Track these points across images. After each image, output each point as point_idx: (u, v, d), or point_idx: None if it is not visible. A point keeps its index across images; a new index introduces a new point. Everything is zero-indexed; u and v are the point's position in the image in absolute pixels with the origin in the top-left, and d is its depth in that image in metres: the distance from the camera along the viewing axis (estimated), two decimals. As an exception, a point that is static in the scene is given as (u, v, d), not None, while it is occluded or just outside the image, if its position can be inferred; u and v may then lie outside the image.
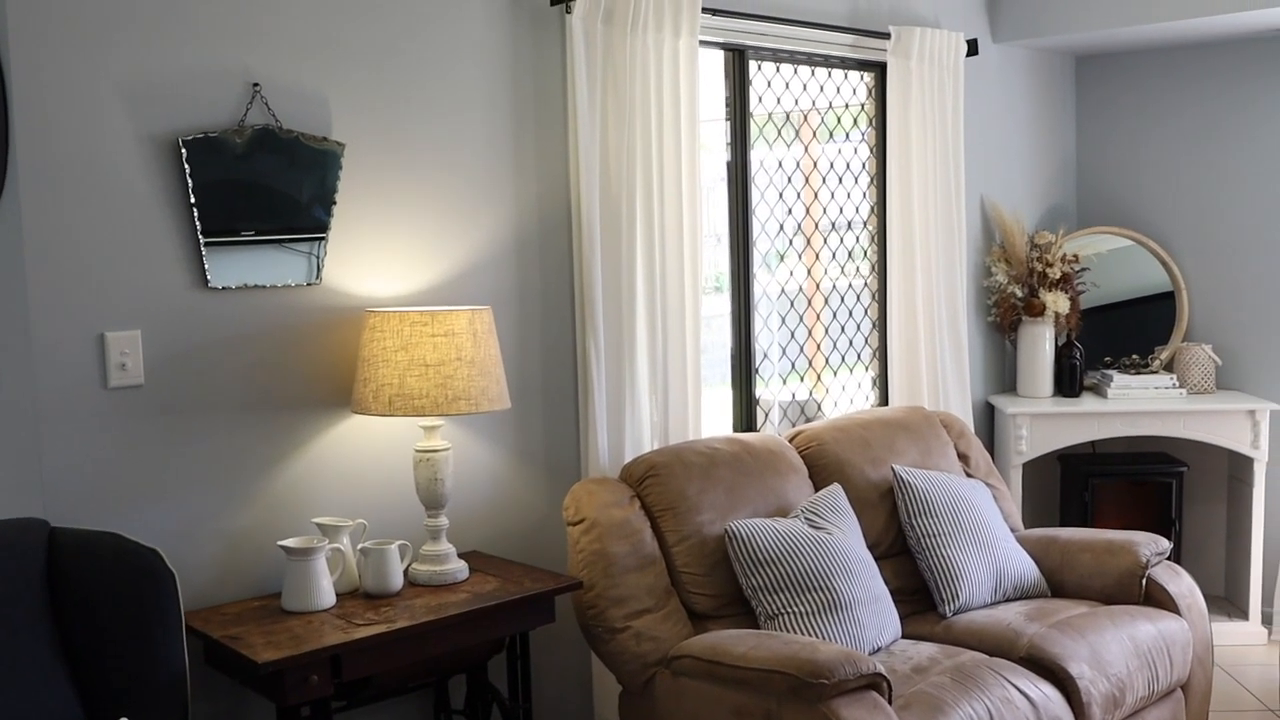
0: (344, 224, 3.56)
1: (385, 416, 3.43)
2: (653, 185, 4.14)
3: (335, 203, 3.53)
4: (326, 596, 3.30)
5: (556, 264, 4.07)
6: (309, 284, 3.51)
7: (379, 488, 3.69)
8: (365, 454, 3.66)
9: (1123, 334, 6.00)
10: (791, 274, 5.11)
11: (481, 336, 3.48)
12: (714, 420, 4.76)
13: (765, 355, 4.89)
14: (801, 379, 5.17)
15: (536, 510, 4.07)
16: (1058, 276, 5.63)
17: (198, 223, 3.27)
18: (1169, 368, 5.82)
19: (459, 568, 3.55)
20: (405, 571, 3.51)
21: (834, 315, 5.26)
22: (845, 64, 5.12)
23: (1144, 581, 4.26)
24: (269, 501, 3.48)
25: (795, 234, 5.09)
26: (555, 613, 3.58)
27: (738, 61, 4.68)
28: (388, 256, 3.68)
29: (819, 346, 5.22)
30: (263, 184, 3.39)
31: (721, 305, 4.79)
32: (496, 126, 3.91)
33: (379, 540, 3.48)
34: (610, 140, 4.05)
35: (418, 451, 3.51)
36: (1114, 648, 3.90)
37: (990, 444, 5.70)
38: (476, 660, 3.64)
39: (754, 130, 4.80)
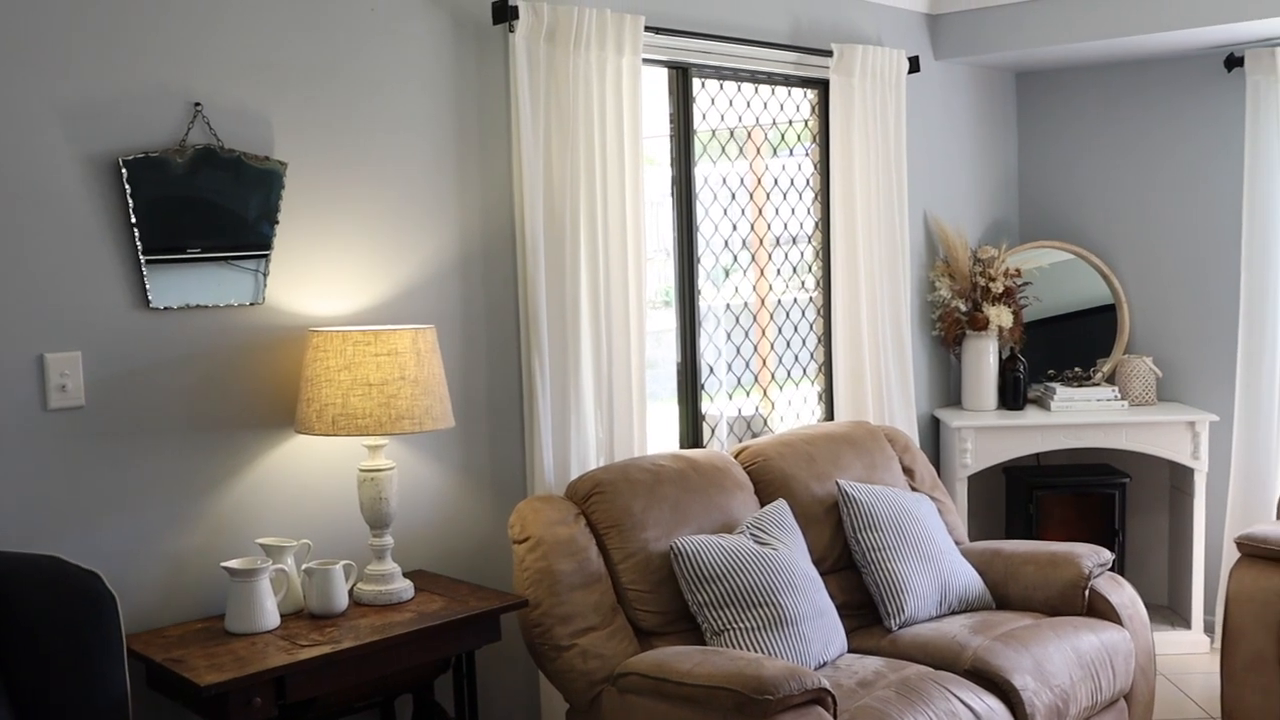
0: (287, 243, 3.55)
1: (329, 436, 3.42)
2: (596, 202, 4.16)
3: (278, 222, 3.52)
4: (270, 618, 3.28)
5: (501, 282, 4.08)
6: (252, 303, 3.49)
7: (323, 508, 3.67)
8: (309, 474, 3.64)
9: (1066, 347, 6.07)
10: (737, 290, 5.14)
11: (425, 355, 3.48)
12: (661, 436, 4.78)
13: (711, 371, 4.91)
14: (747, 394, 5.19)
15: (482, 528, 4.07)
16: (1001, 290, 5.69)
17: (139, 243, 3.25)
18: (1111, 380, 5.89)
19: (404, 587, 3.54)
20: (350, 591, 3.49)
21: (779, 330, 5.29)
22: (789, 81, 5.16)
23: (1087, 592, 4.31)
24: (212, 523, 3.45)
25: (742, 249, 5.12)
26: (501, 631, 3.57)
27: (681, 79, 4.71)
28: (331, 276, 3.67)
29: (764, 362, 5.25)
30: (205, 204, 3.37)
31: (672, 320, 4.80)
32: (440, 145, 3.91)
33: (323, 560, 3.46)
34: (554, 158, 4.07)
35: (362, 471, 3.50)
36: (1057, 659, 3.93)
37: (936, 457, 5.74)
38: (423, 680, 3.63)
39: (700, 146, 4.83)
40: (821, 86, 5.22)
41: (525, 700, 4.20)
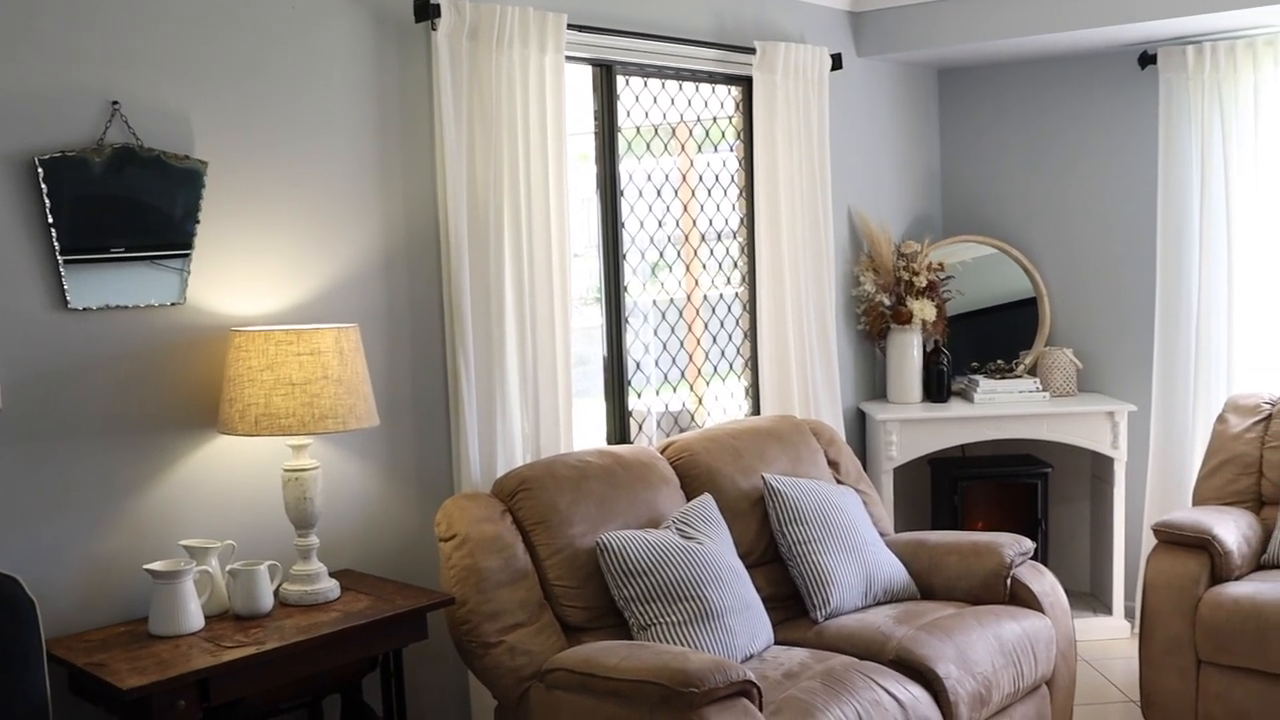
0: (208, 243, 3.53)
1: (252, 436, 3.41)
2: (520, 200, 4.17)
3: (199, 221, 3.49)
4: (194, 620, 3.26)
5: (425, 280, 4.07)
6: (173, 303, 3.46)
7: (247, 508, 3.65)
8: (233, 475, 3.62)
9: (989, 340, 6.16)
10: (663, 286, 5.16)
11: (348, 354, 3.47)
12: (590, 433, 4.80)
13: (638, 367, 4.93)
14: (674, 389, 5.22)
15: (409, 527, 4.06)
16: (924, 285, 5.76)
17: (56, 243, 3.21)
18: (1033, 372, 5.98)
19: (330, 587, 3.53)
20: (276, 592, 3.48)
21: (705, 326, 5.32)
22: (712, 78, 5.19)
23: (1009, 581, 4.38)
24: (134, 525, 3.42)
25: (668, 245, 5.14)
26: (428, 629, 3.58)
27: (605, 76, 4.73)
28: (253, 275, 3.65)
29: (691, 357, 5.28)
30: (124, 203, 3.34)
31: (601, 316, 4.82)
32: (362, 143, 3.90)
33: (248, 561, 3.44)
34: (478, 156, 4.07)
35: (286, 471, 3.49)
36: (980, 647, 3.99)
37: (862, 450, 5.81)
38: (350, 679, 3.62)
39: (628, 142, 4.85)
40: (745, 83, 5.26)
41: (454, 698, 4.20)
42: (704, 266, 5.30)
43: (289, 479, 3.48)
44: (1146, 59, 5.63)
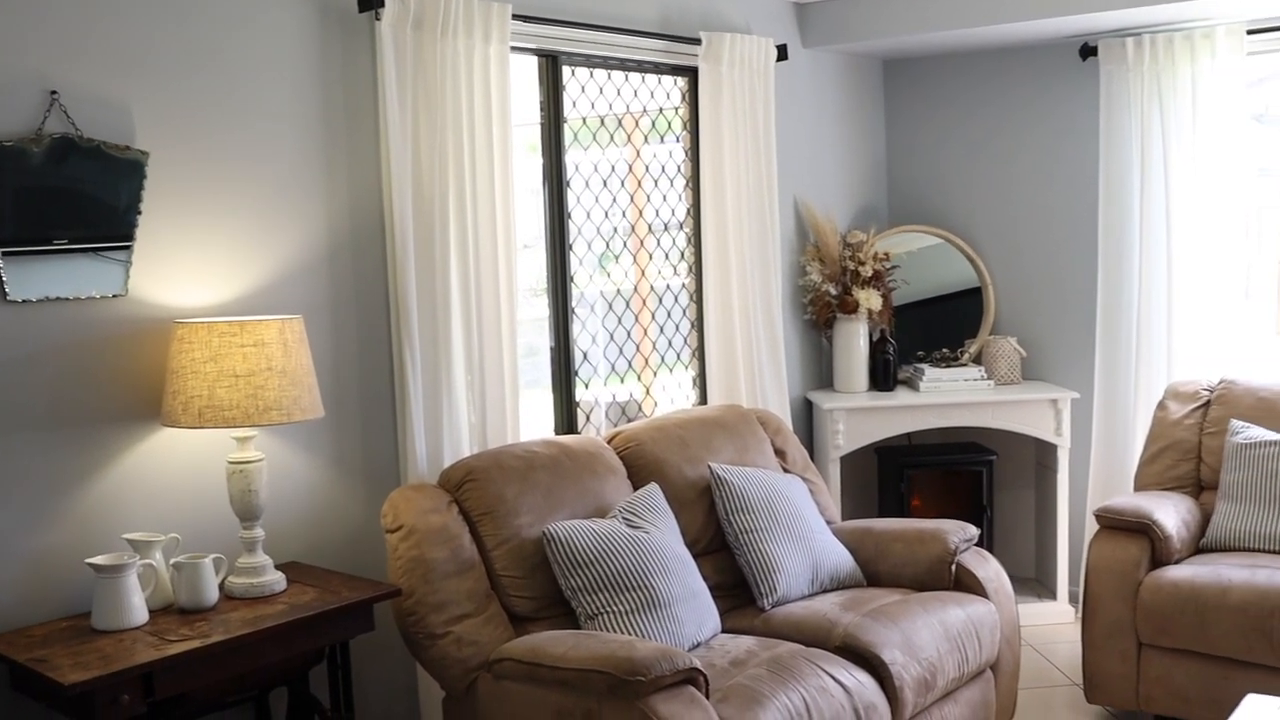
0: (151, 234, 3.50)
1: (196, 429, 3.39)
2: (466, 191, 4.16)
3: (140, 212, 3.46)
4: (138, 614, 3.24)
5: (370, 271, 4.06)
6: (115, 295, 3.43)
7: (192, 501, 3.63)
8: (177, 467, 3.60)
9: (935, 329, 6.21)
10: (609, 276, 5.17)
11: (292, 346, 3.46)
12: (538, 423, 4.80)
13: (585, 357, 4.94)
14: (622, 380, 5.23)
15: (355, 519, 4.05)
16: (870, 274, 5.80)
17: (-7, 235, 3.18)
18: (978, 360, 6.04)
19: (276, 579, 3.52)
20: (221, 585, 3.46)
21: (652, 317, 5.33)
22: (658, 69, 5.20)
23: (953, 567, 4.43)
24: (77, 519, 3.39)
25: (615, 236, 5.14)
26: (375, 621, 3.57)
27: (551, 67, 4.72)
28: (197, 267, 3.62)
29: (639, 348, 5.29)
30: (64, 194, 3.31)
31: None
32: (306, 134, 3.88)
33: (192, 554, 3.42)
34: (422, 147, 4.06)
35: (230, 463, 3.47)
36: (925, 633, 4.03)
37: (809, 439, 5.84)
38: (297, 672, 3.62)
39: (578, 133, 4.86)
40: (691, 74, 5.27)
41: (403, 689, 4.20)
42: (650, 257, 5.31)
43: (233, 471, 3.47)
44: (1087, 51, 5.70)
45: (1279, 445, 4.75)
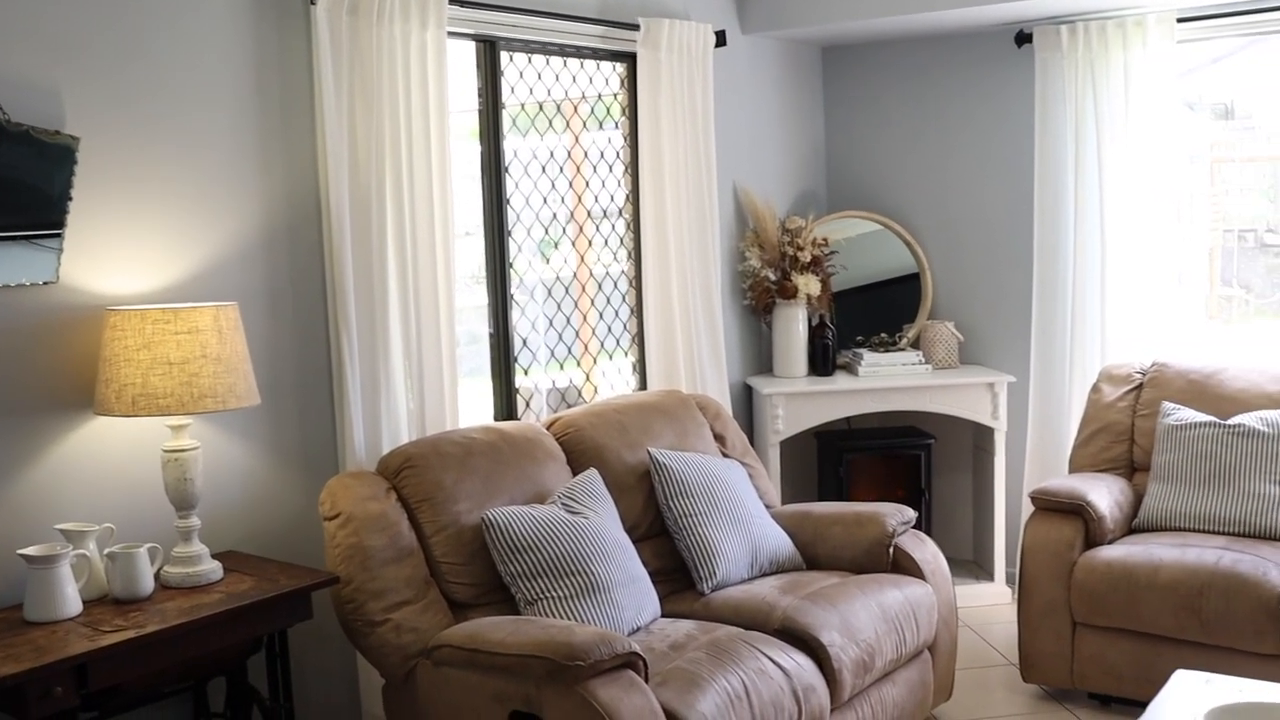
0: (82, 221, 3.45)
1: (129, 417, 3.36)
2: (403, 177, 4.14)
3: (71, 199, 3.41)
4: (72, 605, 3.21)
5: (307, 258, 4.03)
6: (45, 283, 3.39)
7: (127, 490, 3.59)
8: (110, 456, 3.56)
9: (875, 315, 6.25)
10: (549, 263, 5.16)
11: (227, 333, 3.43)
12: (477, 410, 4.79)
13: (525, 344, 4.94)
14: (561, 366, 5.23)
15: (293, 507, 4.03)
16: (809, 260, 5.83)
17: (-81, 222, 3.13)
18: (916, 345, 6.09)
19: (212, 568, 3.49)
20: (157, 575, 3.44)
21: (591, 303, 5.34)
22: (597, 55, 5.20)
23: (891, 550, 4.47)
24: (9, 509, 3.35)
25: (554, 222, 5.14)
26: (313, 609, 3.56)
27: (488, 53, 4.71)
28: (130, 254, 3.58)
29: (577, 334, 5.29)
30: (-9, 179, 3.26)
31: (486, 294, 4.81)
32: (241, 120, 3.85)
33: (127, 544, 3.39)
34: (359, 133, 4.03)
35: (165, 451, 3.44)
36: (863, 615, 4.07)
37: (749, 424, 5.87)
38: (235, 662, 3.60)
39: (516, 119, 4.84)
40: (630, 60, 5.27)
41: (342, 677, 4.19)
42: (590, 244, 5.31)
43: (169, 460, 3.44)
44: (1023, 38, 5.75)
45: (1209, 427, 4.83)
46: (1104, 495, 4.77)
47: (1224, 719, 2.91)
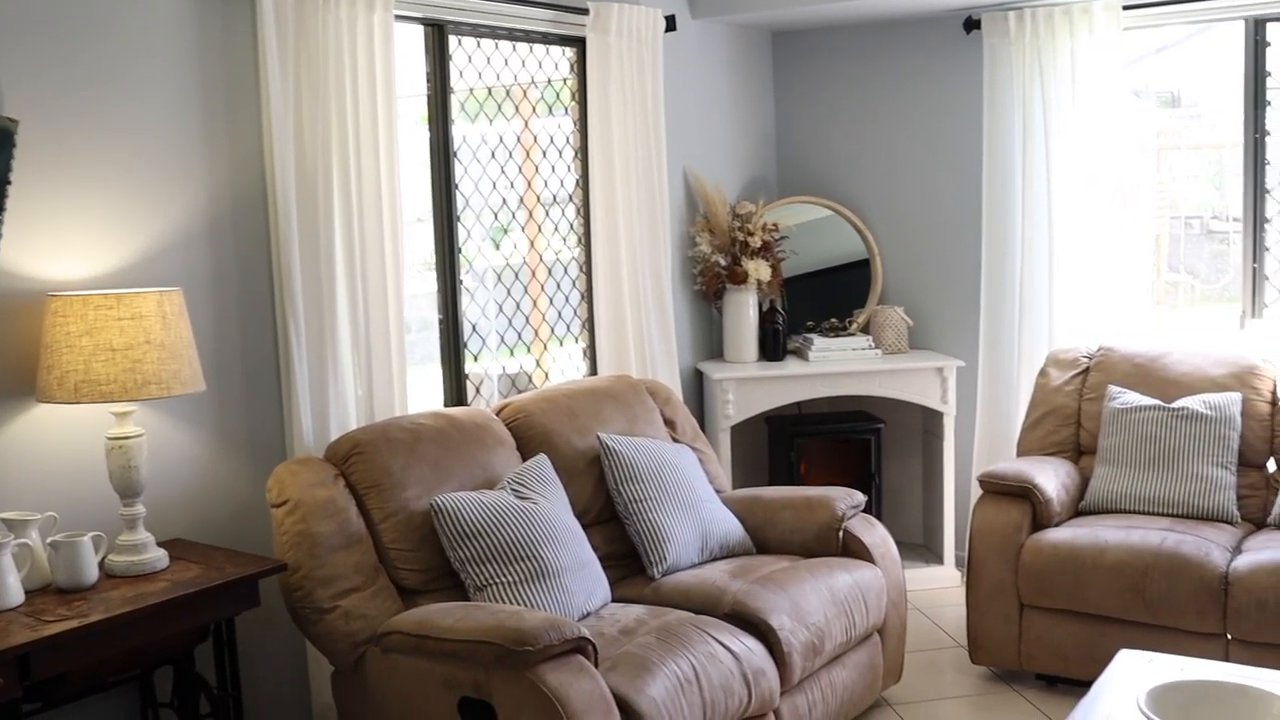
0: (22, 205, 3.39)
1: (72, 404, 3.33)
2: (350, 163, 4.11)
3: (10, 182, 3.36)
4: (13, 595, 3.17)
5: (253, 243, 4.00)
6: (-16, 269, 3.35)
7: (70, 479, 3.55)
8: (53, 444, 3.52)
9: (826, 301, 6.27)
10: (499, 249, 5.15)
11: (171, 319, 3.40)
12: (427, 397, 4.77)
13: (474, 329, 4.92)
14: (511, 352, 5.22)
15: (240, 494, 4.00)
16: (759, 245, 5.84)
17: None
18: (866, 330, 6.11)
19: (158, 556, 3.46)
20: (101, 564, 3.40)
21: (542, 288, 5.32)
22: (547, 39, 5.17)
23: (841, 534, 4.50)
24: (-52, 499, 3.32)
25: (502, 207, 5.12)
26: (260, 597, 3.54)
27: (437, 36, 4.68)
28: (71, 239, 3.54)
29: (527, 319, 5.28)
30: (-73, 165, 3.21)
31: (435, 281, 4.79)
32: (186, 104, 3.80)
33: (71, 533, 3.35)
34: (305, 118, 4.00)
35: (109, 439, 3.41)
36: (813, 598, 4.10)
37: (699, 409, 5.88)
38: (181, 651, 3.58)
39: (464, 103, 4.81)
40: (579, 45, 5.25)
41: (291, 665, 4.16)
42: (539, 229, 5.29)
43: (112, 447, 3.40)
44: (971, 24, 5.78)
45: (1153, 410, 4.89)
46: (1051, 478, 4.81)
47: (1165, 697, 2.95)
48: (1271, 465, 4.94)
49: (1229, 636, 4.29)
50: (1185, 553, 4.35)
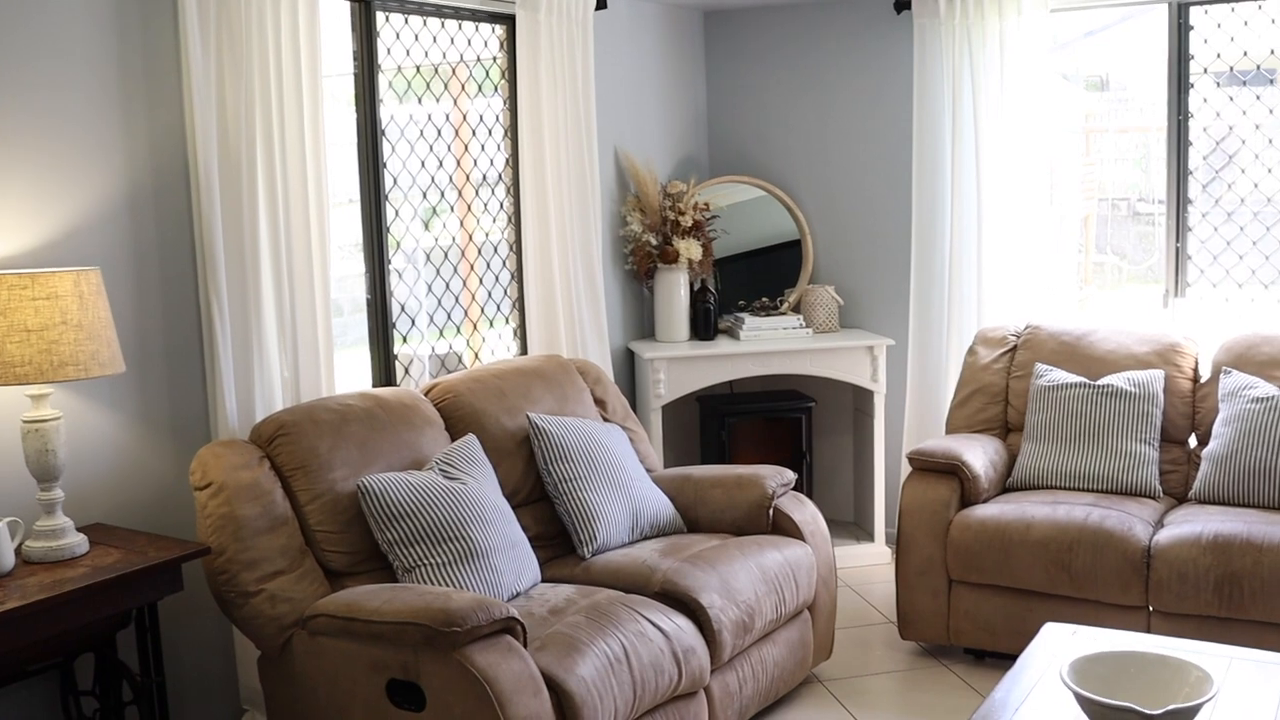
0: (-69, 184, 3.33)
1: (-14, 387, 3.26)
2: (274, 142, 4.04)
3: (-80, 161, 3.29)
4: (-72, 582, 3.11)
5: (175, 222, 3.93)
6: (-107, 249, 3.26)
7: (-16, 463, 3.49)
8: (-33, 428, 3.45)
9: (759, 281, 6.28)
10: (429, 229, 5.10)
11: (89, 299, 3.33)
12: (356, 378, 4.72)
13: (403, 309, 4.87)
14: (441, 333, 5.18)
15: (163, 477, 3.94)
16: (690, 224, 5.83)
17: None
18: (797, 309, 6.13)
19: (77, 542, 3.40)
20: (18, 550, 3.34)
21: (471, 268, 5.28)
22: (476, 16, 5.13)
23: (771, 512, 4.51)
24: None
25: (431, 186, 5.06)
26: (184, 581, 3.49)
27: (364, 13, 4.62)
28: (-16, 218, 3.46)
29: (457, 299, 5.24)
30: None
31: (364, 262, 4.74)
32: (104, 80, 3.72)
33: (-14, 518, 3.29)
34: (228, 95, 3.93)
35: (25, 422, 3.34)
36: (743, 576, 4.11)
37: (631, 389, 5.87)
38: (103, 637, 3.52)
39: (392, 81, 4.76)
40: (509, 22, 5.21)
41: (217, 650, 4.11)
42: (469, 209, 5.25)
43: (28, 431, 3.34)
44: (901, 4, 5.79)
45: (1079, 388, 4.94)
46: (979, 455, 4.85)
47: (1086, 668, 2.98)
48: (1193, 441, 5.01)
49: (1151, 608, 4.36)
50: (1109, 527, 4.41)
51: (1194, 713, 2.82)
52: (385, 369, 4.76)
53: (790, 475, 4.65)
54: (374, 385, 4.75)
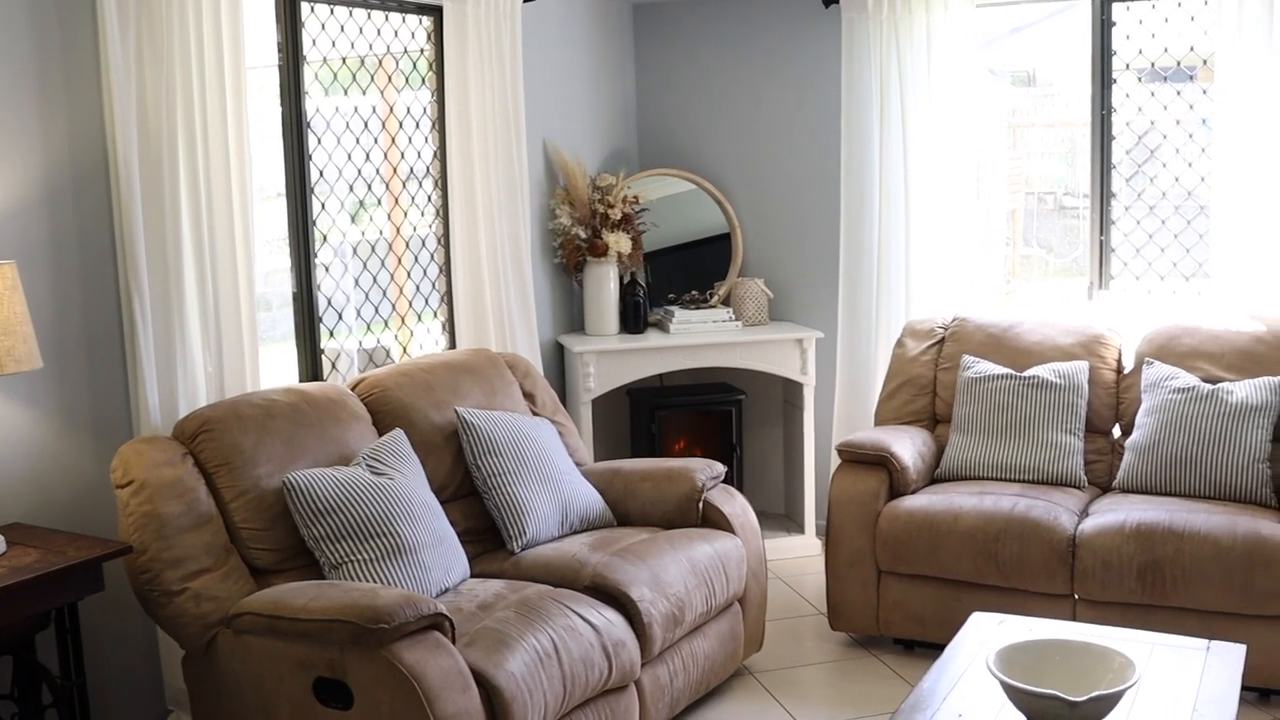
0: None
1: (-102, 384, 3.18)
2: (196, 135, 3.97)
3: None
4: None
5: (94, 215, 3.85)
6: None
7: (-101, 462, 3.41)
8: (-120, 426, 3.37)
9: (690, 274, 6.28)
10: (355, 223, 5.05)
11: (5, 293, 3.27)
12: (282, 374, 4.66)
13: (330, 303, 4.82)
14: (369, 327, 5.13)
15: (83, 475, 3.86)
16: (619, 217, 5.82)
17: None
18: (726, 302, 6.14)
19: (-6, 541, 3.34)
20: (-67, 550, 3.27)
21: (400, 261, 5.24)
22: (403, 7, 5.08)
23: (701, 505, 4.52)
24: None
25: (357, 179, 5.01)
26: (105, 581, 3.43)
27: (288, 4, 4.55)
28: (-105, 211, 3.38)
29: (385, 294, 5.19)
30: None
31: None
32: (17, 68, 3.64)
33: (-101, 518, 3.22)
34: (149, 87, 3.86)
35: (-61, 420, 3.27)
36: (673, 569, 4.11)
37: (561, 382, 5.85)
38: (21, 639, 3.45)
39: (318, 73, 4.70)
40: (436, 14, 5.16)
41: (141, 650, 4.05)
42: (397, 203, 5.20)
43: (-57, 428, 3.27)
44: (830, -2, 5.83)
45: (1005, 379, 4.99)
46: (907, 447, 4.89)
47: (1012, 656, 3.01)
48: (1117, 431, 5.08)
49: (1076, 596, 4.42)
50: (1035, 517, 4.46)
51: (1116, 699, 2.87)
52: (312, 364, 4.71)
53: (720, 468, 4.66)
54: (301, 380, 4.70)
